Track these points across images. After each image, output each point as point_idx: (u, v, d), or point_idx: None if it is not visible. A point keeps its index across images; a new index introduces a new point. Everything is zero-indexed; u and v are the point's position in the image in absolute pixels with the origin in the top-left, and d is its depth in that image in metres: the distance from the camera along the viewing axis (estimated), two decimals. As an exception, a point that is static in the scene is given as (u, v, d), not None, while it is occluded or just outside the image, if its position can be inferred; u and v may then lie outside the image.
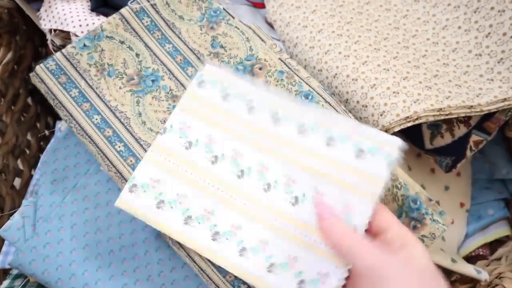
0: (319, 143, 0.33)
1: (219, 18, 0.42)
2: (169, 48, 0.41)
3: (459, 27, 0.44)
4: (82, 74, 0.40)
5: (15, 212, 0.41)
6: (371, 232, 0.31)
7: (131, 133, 0.39)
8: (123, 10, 0.41)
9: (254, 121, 0.36)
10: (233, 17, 0.42)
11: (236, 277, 0.36)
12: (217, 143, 0.36)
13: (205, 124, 0.36)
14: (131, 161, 0.38)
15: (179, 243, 0.36)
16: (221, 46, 0.41)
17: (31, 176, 0.51)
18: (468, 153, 0.44)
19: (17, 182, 0.49)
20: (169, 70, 0.41)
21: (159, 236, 0.39)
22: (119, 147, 0.38)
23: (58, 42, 0.44)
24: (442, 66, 0.43)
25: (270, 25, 0.52)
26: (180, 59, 0.41)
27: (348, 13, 0.46)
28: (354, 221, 0.31)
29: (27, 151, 0.53)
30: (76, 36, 0.42)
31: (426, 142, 0.46)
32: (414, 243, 0.29)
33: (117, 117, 0.39)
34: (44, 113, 0.58)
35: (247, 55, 0.40)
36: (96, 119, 0.39)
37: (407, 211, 0.34)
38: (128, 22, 0.41)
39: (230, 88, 0.36)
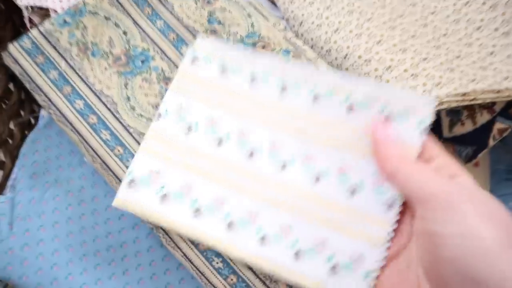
0: (339, 111, 0.30)
1: None
2: (160, 24, 0.37)
3: (484, 3, 0.39)
4: (62, 54, 0.36)
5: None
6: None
7: (118, 120, 0.34)
8: None
9: (259, 95, 0.32)
10: None
11: (238, 280, 0.32)
12: (220, 124, 0.32)
13: (203, 104, 0.33)
14: (118, 150, 0.34)
15: (174, 242, 0.32)
16: (219, 22, 0.37)
17: (13, 168, 0.47)
18: (491, 142, 0.40)
19: (-2, 174, 0.45)
20: (161, 49, 0.36)
21: (151, 234, 0.35)
22: (105, 135, 0.34)
23: (36, 20, 0.39)
24: (465, 46, 0.39)
25: (272, 2, 0.48)
26: (173, 37, 0.37)
27: (359, -12, 0.42)
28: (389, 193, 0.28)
29: (10, 141, 0.49)
30: (56, 12, 0.37)
31: (444, 130, 0.42)
32: (464, 173, 0.26)
33: (102, 102, 0.35)
34: (29, 100, 0.54)
35: (248, 32, 0.36)
36: (79, 104, 0.35)
37: None
38: None
39: (227, 62, 0.33)
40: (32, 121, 0.54)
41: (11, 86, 0.51)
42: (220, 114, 0.33)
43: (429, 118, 0.28)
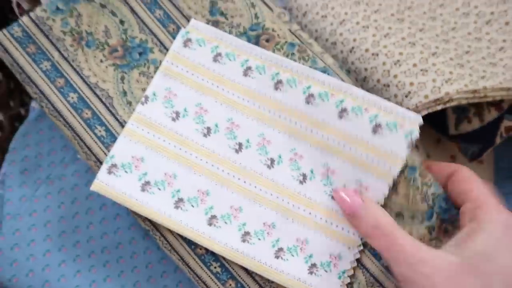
0: (330, 114, 0.30)
1: None
2: (159, 14, 0.35)
3: (495, -5, 0.38)
4: (55, 44, 0.34)
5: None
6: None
7: (114, 115, 0.33)
8: None
9: (252, 86, 0.32)
10: None
11: (237, 285, 0.31)
12: (209, 112, 0.32)
13: (193, 90, 0.32)
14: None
15: (171, 245, 0.31)
16: (221, 13, 0.35)
17: (2, 162, 0.45)
18: (498, 140, 0.39)
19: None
20: (160, 41, 0.34)
21: (148, 235, 0.34)
22: (100, 131, 0.32)
23: (25, 6, 0.37)
24: (474, 41, 0.37)
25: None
26: (173, 28, 0.35)
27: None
28: None
29: (-1, 134, 0.47)
30: (47, -3, 0.35)
31: (450, 127, 0.41)
32: (482, 225, 0.25)
33: (97, 96, 0.33)
34: (19, 90, 0.52)
35: (251, 24, 0.34)
36: (72, 98, 0.33)
37: (439, 212, 0.29)
38: None
39: (221, 47, 0.32)
40: (23, 112, 0.52)
41: (-1, 75, 0.49)
42: (210, 102, 0.32)
43: (416, 133, 0.28)
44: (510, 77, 0.34)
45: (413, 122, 0.28)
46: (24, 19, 0.34)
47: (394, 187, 0.29)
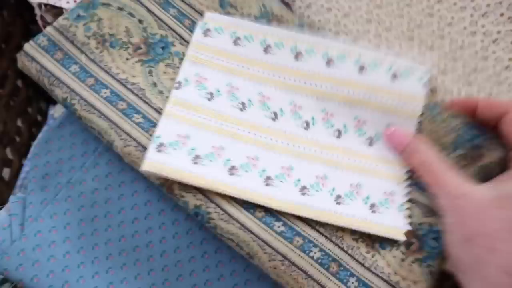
0: (350, 71, 0.33)
1: None
2: (174, 12, 0.37)
3: (502, 14, 0.39)
4: (81, 48, 0.35)
5: (1, 208, 0.36)
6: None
7: (148, 104, 0.34)
8: None
9: (274, 61, 0.35)
10: None
11: (304, 240, 0.31)
12: (241, 90, 0.34)
13: (222, 72, 0.34)
14: (154, 131, 0.33)
15: (229, 214, 0.31)
16: (231, 5, 0.37)
17: (21, 166, 0.46)
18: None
19: (6, 172, 0.44)
20: (179, 35, 0.37)
21: (165, 239, 0.35)
22: (137, 118, 0.33)
23: (49, 19, 0.39)
24: (481, 60, 0.39)
25: (288, 5, 0.47)
26: (189, 23, 0.37)
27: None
28: None
29: (17, 139, 0.48)
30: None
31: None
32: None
33: (129, 89, 0.34)
34: (36, 97, 0.53)
35: (261, 13, 0.37)
36: (105, 93, 0.34)
37: (466, 140, 0.33)
38: None
39: (239, 32, 0.35)
40: (39, 119, 0.54)
41: (19, 83, 0.51)
42: (239, 81, 0.34)
43: (426, 76, 0.33)
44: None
45: (423, 70, 0.33)
46: (48, 28, 0.35)
47: (419, 125, 0.33)
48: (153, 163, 0.31)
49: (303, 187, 0.32)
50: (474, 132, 0.32)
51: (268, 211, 0.31)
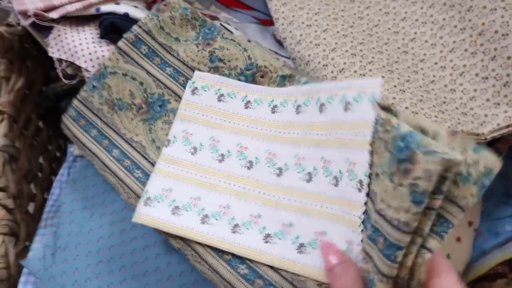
0: (314, 113, 0.35)
1: (214, 34, 0.42)
2: (170, 71, 0.42)
3: (466, 50, 0.44)
4: (97, 113, 0.42)
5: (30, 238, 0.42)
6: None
7: (147, 160, 0.40)
8: (120, 44, 0.43)
9: (253, 114, 0.38)
10: (229, 31, 0.43)
11: (265, 283, 0.33)
12: (221, 142, 0.38)
13: (206, 127, 0.39)
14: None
15: (200, 256, 0.35)
16: (220, 60, 0.41)
17: (44, 200, 0.52)
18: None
19: (30, 206, 0.50)
20: (174, 92, 0.42)
21: (170, 264, 0.39)
22: (137, 174, 0.39)
23: (70, 72, 0.45)
24: (450, 92, 0.43)
25: (280, 43, 0.52)
26: (183, 80, 0.42)
27: (359, 34, 0.47)
28: (359, 176, 0.29)
29: (40, 175, 0.54)
30: (88, 71, 0.43)
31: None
32: None
33: (133, 148, 0.41)
34: (56, 136, 0.59)
35: (246, 65, 0.41)
36: (115, 153, 0.41)
37: (395, 154, 0.25)
38: (127, 54, 0.42)
39: (223, 89, 0.39)
40: (58, 155, 0.59)
41: (40, 123, 0.56)
42: (221, 134, 0.38)
43: (377, 93, 0.29)
44: (477, 125, 0.40)
45: (374, 85, 0.29)
46: (75, 102, 0.43)
47: (372, 148, 0.29)
48: (141, 215, 0.36)
49: (267, 235, 0.34)
50: (405, 143, 0.24)
51: (234, 254, 0.34)
